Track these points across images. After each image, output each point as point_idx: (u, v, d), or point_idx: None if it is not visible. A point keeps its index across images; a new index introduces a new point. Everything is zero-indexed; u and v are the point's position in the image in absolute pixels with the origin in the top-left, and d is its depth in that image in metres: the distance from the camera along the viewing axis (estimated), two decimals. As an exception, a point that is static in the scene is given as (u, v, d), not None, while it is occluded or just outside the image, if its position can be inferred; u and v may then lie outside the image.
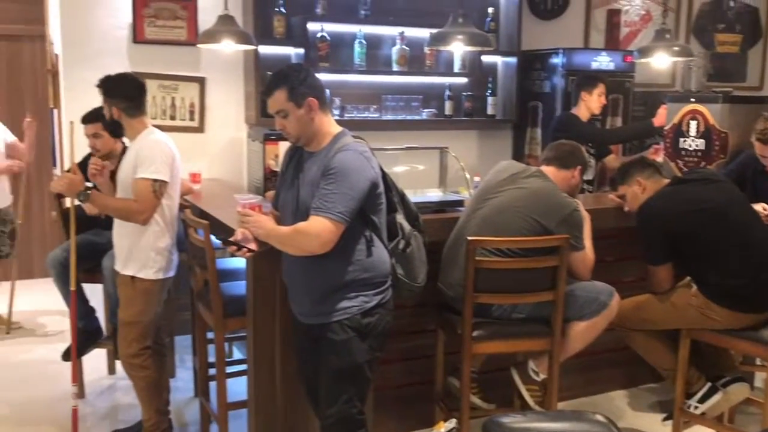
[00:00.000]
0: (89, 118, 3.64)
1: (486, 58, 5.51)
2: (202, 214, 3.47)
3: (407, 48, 5.13)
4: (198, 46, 4.28)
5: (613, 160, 5.00)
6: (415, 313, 3.27)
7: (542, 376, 3.07)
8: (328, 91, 2.91)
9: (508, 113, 5.60)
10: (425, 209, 3.19)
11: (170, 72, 4.66)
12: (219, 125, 4.89)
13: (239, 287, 3.13)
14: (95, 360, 4.11)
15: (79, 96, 4.34)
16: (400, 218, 2.65)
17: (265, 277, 2.89)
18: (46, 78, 5.13)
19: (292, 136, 2.51)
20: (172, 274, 3.22)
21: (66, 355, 3.74)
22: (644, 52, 4.56)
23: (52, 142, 5.28)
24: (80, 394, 3.71)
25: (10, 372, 4.30)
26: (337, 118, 4.97)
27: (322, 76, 2.48)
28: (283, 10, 4.77)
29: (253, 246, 2.48)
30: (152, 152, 3.06)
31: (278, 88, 2.45)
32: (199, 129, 4.81)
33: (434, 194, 3.60)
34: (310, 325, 2.55)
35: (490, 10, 5.40)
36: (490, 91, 5.52)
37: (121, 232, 3.17)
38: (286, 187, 2.59)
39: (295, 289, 2.59)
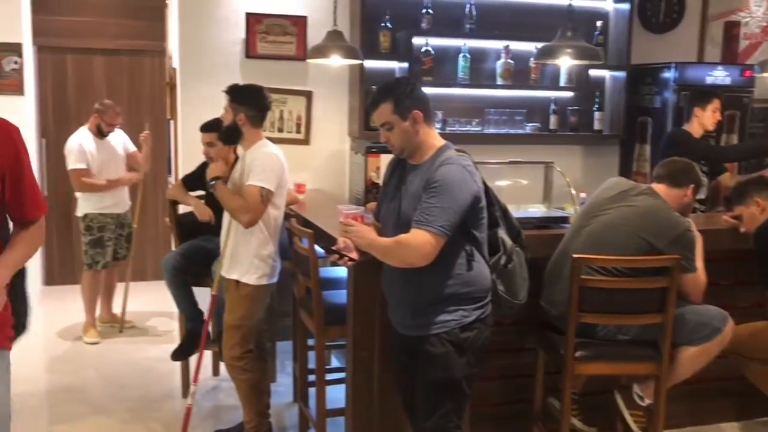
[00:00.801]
0: (206, 127, 3.81)
1: (593, 72, 5.39)
2: (306, 223, 3.55)
3: (512, 62, 5.09)
4: (307, 60, 4.41)
5: (727, 179, 4.75)
6: (516, 330, 3.22)
7: (647, 402, 2.95)
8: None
9: (616, 128, 5.44)
10: (528, 225, 3.14)
11: (279, 86, 4.81)
12: (324, 137, 5.00)
13: (341, 296, 3.18)
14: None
15: (194, 108, 4.57)
16: (502, 233, 2.62)
17: (366, 287, 2.92)
18: (165, 90, 5.42)
19: (396, 148, 2.54)
20: (274, 280, 3.32)
21: (175, 355, 3.90)
22: (766, 65, 4.32)
23: (168, 151, 5.56)
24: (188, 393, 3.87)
25: (123, 369, 4.53)
26: (439, 131, 4.93)
27: (425, 90, 2.48)
28: (389, 25, 4.84)
29: (354, 255, 2.51)
30: (264, 162, 3.18)
31: (384, 100, 2.48)
32: (305, 141, 4.94)
33: (538, 210, 3.54)
34: (408, 336, 2.56)
35: (599, 23, 5.28)
36: (597, 106, 5.38)
37: (225, 237, 3.29)
38: (388, 198, 2.62)
39: (394, 301, 2.61)
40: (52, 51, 6.06)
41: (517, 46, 5.10)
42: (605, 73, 5.48)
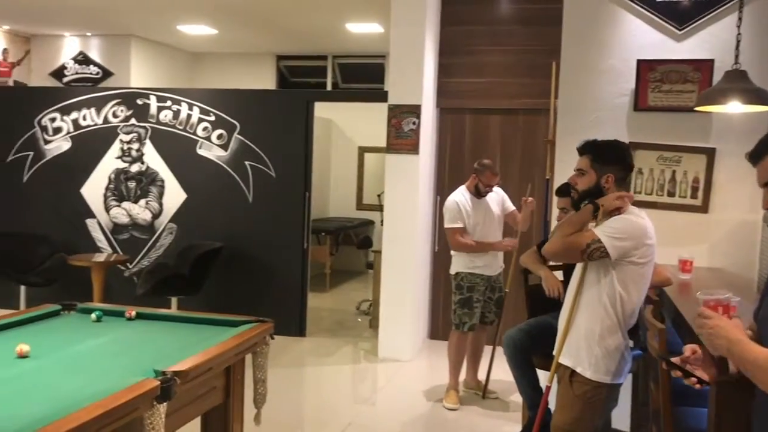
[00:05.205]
0: (562, 191, 3.36)
1: None
2: (676, 313, 2.80)
3: None
4: (695, 109, 3.61)
5: None
6: None
7: None
8: None
9: None
10: None
11: (673, 142, 4.08)
12: (728, 205, 4.07)
13: (702, 416, 2.36)
14: (548, 454, 3.72)
15: (571, 166, 4.11)
16: None
17: (734, 409, 2.07)
18: (546, 148, 5.09)
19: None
20: (620, 381, 2.64)
21: (514, 444, 3.45)
22: None
23: (545, 211, 5.20)
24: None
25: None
26: None
27: None
28: (828, 62, 3.74)
29: (704, 375, 1.75)
30: (621, 224, 2.60)
31: (772, 152, 1.72)
32: (702, 208, 4.07)
33: None
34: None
35: None
36: None
37: (565, 314, 2.75)
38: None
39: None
40: (451, 112, 6.25)
41: None
42: None
